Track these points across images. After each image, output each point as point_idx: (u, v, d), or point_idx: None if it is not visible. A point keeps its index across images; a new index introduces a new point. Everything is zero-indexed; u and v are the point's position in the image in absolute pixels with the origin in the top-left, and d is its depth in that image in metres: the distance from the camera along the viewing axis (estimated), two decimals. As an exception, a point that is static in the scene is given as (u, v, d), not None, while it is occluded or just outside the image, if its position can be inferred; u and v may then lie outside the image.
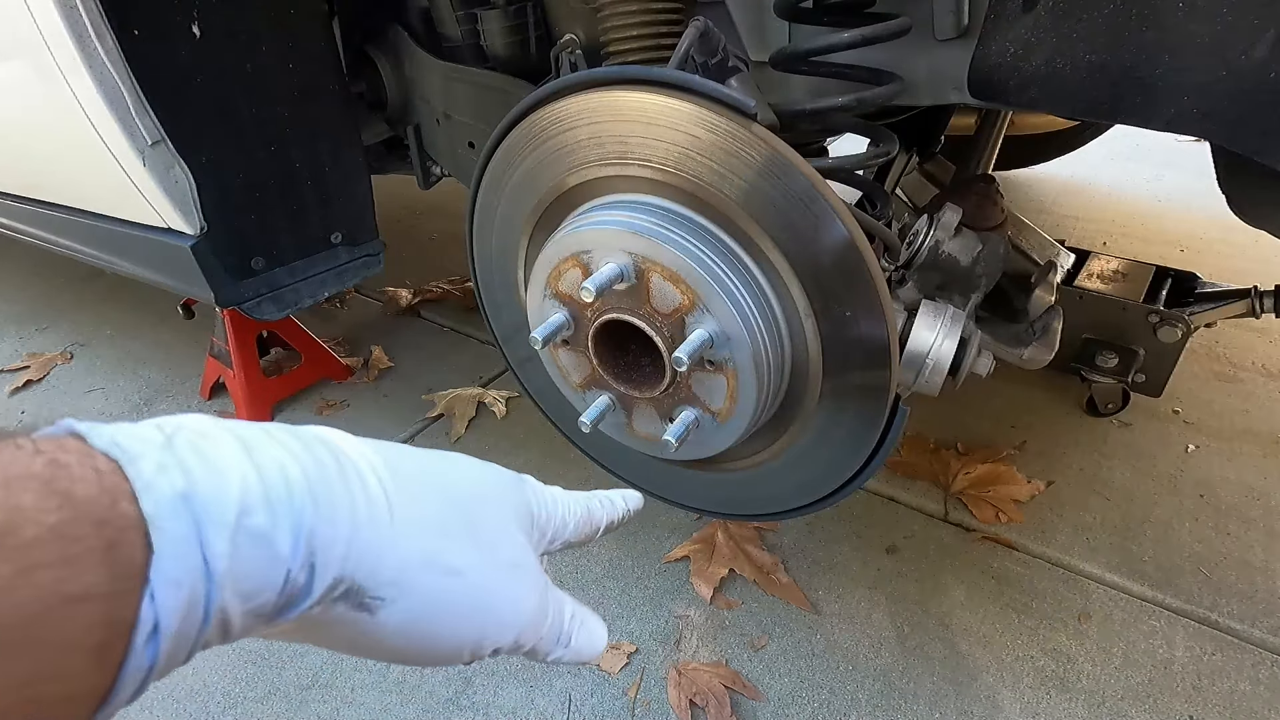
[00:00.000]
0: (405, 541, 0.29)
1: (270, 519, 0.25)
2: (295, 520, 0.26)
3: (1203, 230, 2.39)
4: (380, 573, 0.28)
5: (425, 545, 0.30)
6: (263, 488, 0.26)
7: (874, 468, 0.78)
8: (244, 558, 0.24)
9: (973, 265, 1.03)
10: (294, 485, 0.26)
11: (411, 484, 0.31)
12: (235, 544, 0.24)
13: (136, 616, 0.22)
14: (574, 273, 0.74)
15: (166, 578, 0.22)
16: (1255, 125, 0.57)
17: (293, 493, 0.26)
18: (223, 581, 0.24)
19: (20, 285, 2.39)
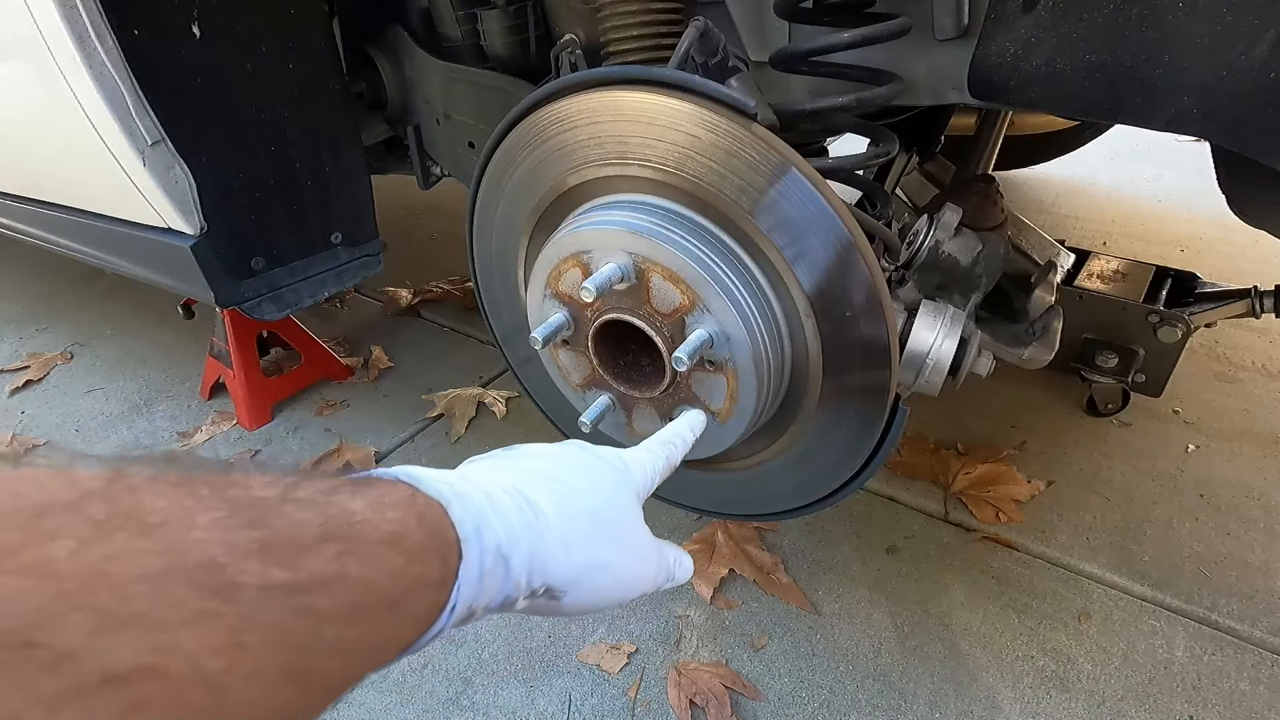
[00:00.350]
0: (575, 556, 0.44)
1: (510, 551, 0.40)
2: (521, 553, 0.40)
3: (1203, 230, 2.39)
4: (563, 578, 0.43)
5: (587, 556, 0.45)
6: (507, 532, 0.40)
7: (874, 468, 0.78)
8: (493, 573, 0.38)
9: (973, 265, 1.03)
10: (518, 532, 0.41)
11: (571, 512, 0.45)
12: (493, 563, 0.38)
13: (448, 600, 0.35)
14: (574, 273, 0.74)
15: (464, 579, 0.36)
16: (1255, 125, 0.57)
17: (518, 536, 0.41)
18: (484, 585, 0.38)
19: (20, 285, 2.39)
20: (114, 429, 1.69)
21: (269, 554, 0.27)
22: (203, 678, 0.24)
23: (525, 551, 0.40)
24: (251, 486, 0.29)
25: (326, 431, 1.64)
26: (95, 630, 0.22)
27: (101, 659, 0.21)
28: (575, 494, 0.46)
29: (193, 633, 0.24)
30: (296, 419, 1.69)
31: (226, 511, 0.27)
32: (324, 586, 0.28)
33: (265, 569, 0.26)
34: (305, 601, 0.27)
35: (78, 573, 0.22)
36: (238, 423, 1.67)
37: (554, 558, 0.42)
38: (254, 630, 0.25)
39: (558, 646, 1.13)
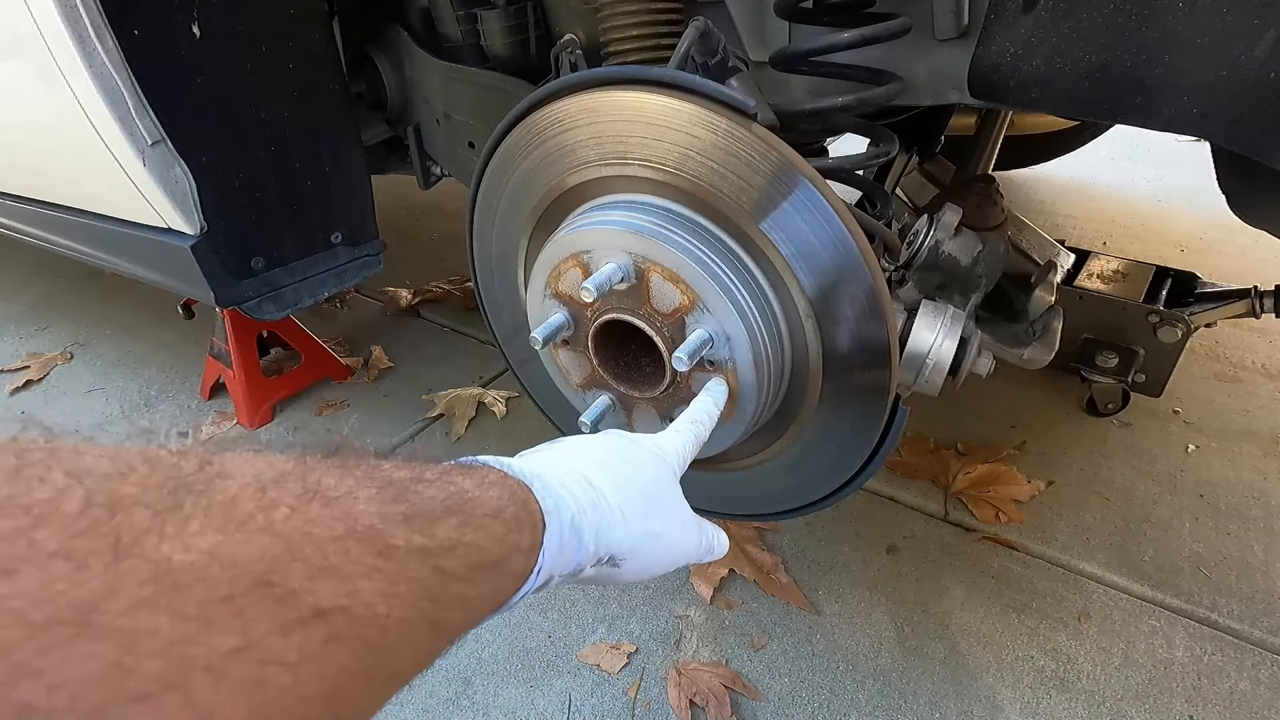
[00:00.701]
0: (633, 528, 0.50)
1: (582, 524, 0.46)
2: (590, 526, 0.47)
3: (1203, 230, 2.39)
4: (623, 547, 0.49)
5: (643, 527, 0.51)
6: (578, 508, 0.46)
7: (874, 468, 0.78)
8: (570, 543, 0.45)
9: (973, 265, 1.03)
10: (586, 508, 0.47)
11: (626, 490, 0.51)
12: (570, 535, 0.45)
13: (537, 563, 0.42)
14: (574, 273, 0.74)
15: (547, 546, 0.42)
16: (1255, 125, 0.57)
17: (586, 511, 0.47)
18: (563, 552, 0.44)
19: (20, 285, 2.39)
20: (114, 429, 1.69)
21: (411, 523, 0.33)
22: (374, 617, 0.30)
23: (593, 525, 0.47)
24: (389, 469, 0.36)
25: (327, 431, 1.64)
26: (308, 576, 0.28)
27: (313, 598, 0.28)
28: (626, 475, 0.52)
29: (367, 582, 0.30)
30: (296, 419, 1.69)
31: (377, 489, 0.33)
32: (450, 550, 0.35)
33: (410, 535, 0.33)
34: (438, 563, 0.34)
35: (291, 533, 0.28)
36: (238, 423, 1.67)
37: (615, 530, 0.48)
38: (404, 583, 0.32)
39: (558, 646, 1.13)
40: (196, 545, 0.25)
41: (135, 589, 0.23)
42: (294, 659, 0.26)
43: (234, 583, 0.25)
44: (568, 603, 1.20)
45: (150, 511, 0.25)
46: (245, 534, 0.27)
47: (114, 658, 0.21)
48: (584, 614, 1.18)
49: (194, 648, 0.23)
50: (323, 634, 0.28)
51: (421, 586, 0.33)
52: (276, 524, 0.28)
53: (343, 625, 0.28)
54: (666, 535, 0.53)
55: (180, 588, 0.24)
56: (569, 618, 1.17)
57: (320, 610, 0.28)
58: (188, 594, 0.24)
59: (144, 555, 0.24)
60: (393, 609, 0.31)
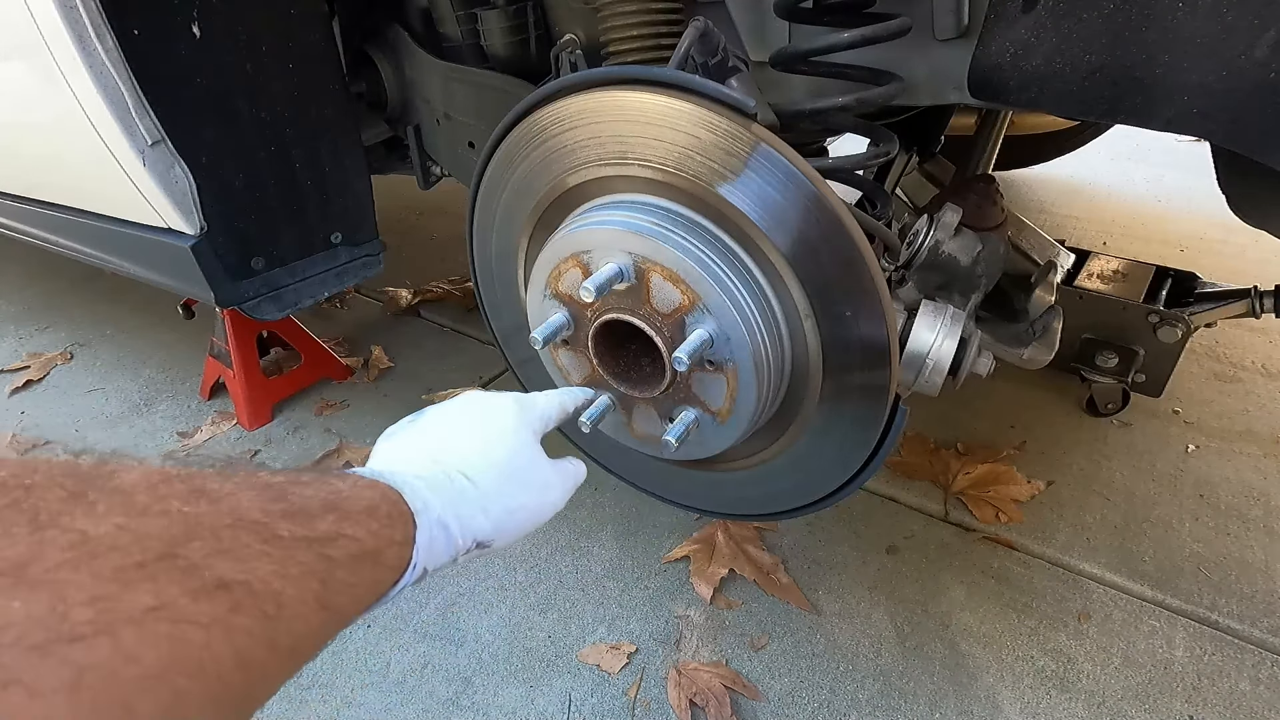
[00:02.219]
0: (492, 511, 0.53)
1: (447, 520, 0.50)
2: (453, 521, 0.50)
3: (1203, 230, 2.39)
4: (486, 531, 0.53)
5: (501, 506, 0.54)
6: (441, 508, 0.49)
7: (874, 468, 0.78)
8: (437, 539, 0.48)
9: (973, 265, 1.03)
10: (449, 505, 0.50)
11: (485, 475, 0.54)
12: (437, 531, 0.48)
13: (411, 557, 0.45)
14: (574, 273, 0.74)
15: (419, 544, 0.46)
16: (1255, 125, 0.57)
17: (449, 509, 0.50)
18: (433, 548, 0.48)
19: (20, 285, 2.39)
20: (114, 429, 1.69)
21: (292, 518, 0.37)
22: (271, 593, 0.33)
23: (456, 519, 0.50)
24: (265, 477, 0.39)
25: (326, 431, 1.64)
26: (206, 554, 0.31)
27: (214, 571, 0.31)
28: (480, 455, 0.56)
29: (260, 563, 0.33)
30: (296, 419, 1.69)
31: (257, 491, 0.37)
32: (331, 540, 0.39)
33: (293, 527, 0.37)
34: (321, 551, 0.37)
35: (185, 520, 0.32)
36: (238, 423, 1.67)
37: (476, 520, 0.52)
38: (294, 565, 0.35)
39: (558, 646, 1.13)
40: (107, 521, 0.29)
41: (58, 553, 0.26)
42: (205, 621, 0.29)
43: (144, 552, 0.28)
44: (568, 603, 1.20)
45: (61, 494, 0.28)
46: (147, 517, 0.30)
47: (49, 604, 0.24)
48: (584, 614, 1.18)
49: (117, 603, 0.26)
50: (227, 603, 0.31)
51: (310, 570, 0.36)
52: (172, 511, 0.32)
53: (244, 596, 0.32)
54: (529, 504, 0.57)
55: (97, 555, 0.27)
56: (569, 618, 1.17)
57: (223, 582, 0.31)
58: (104, 560, 0.27)
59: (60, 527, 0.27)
60: (286, 586, 0.34)
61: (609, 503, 1.38)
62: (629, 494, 1.37)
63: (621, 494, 1.38)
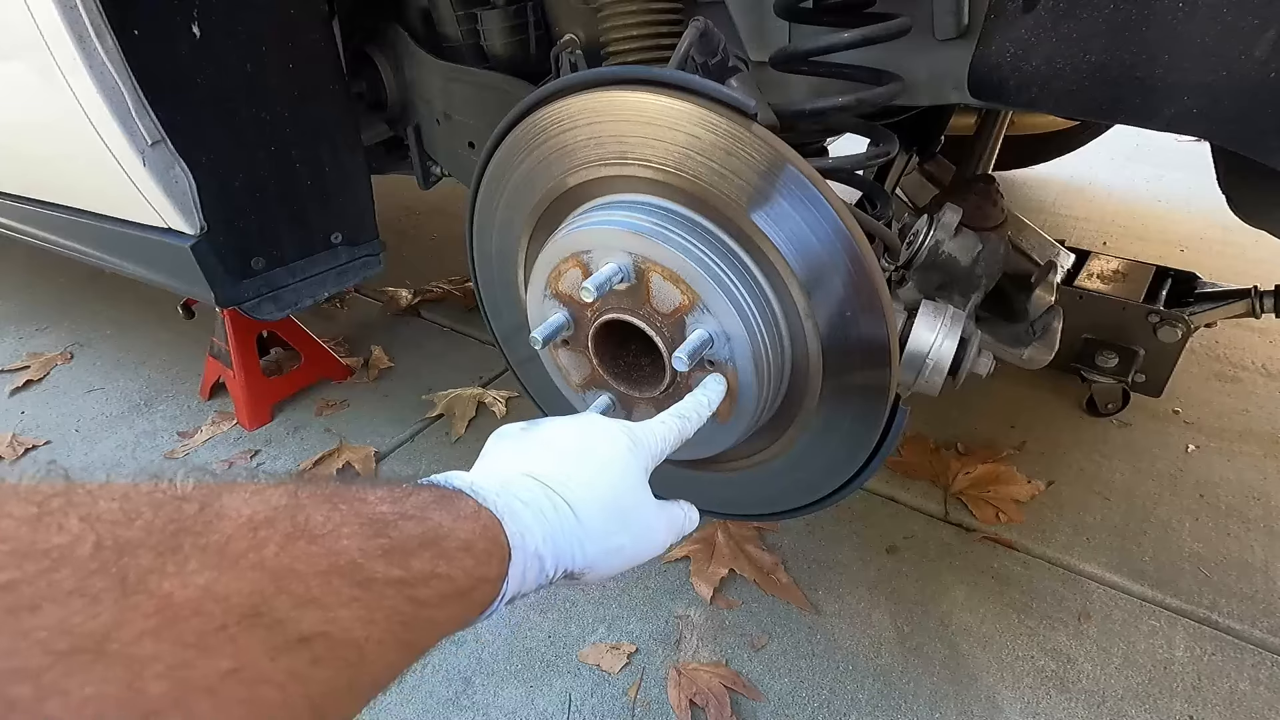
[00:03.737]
0: (591, 547, 0.52)
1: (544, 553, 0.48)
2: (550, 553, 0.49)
3: (1203, 230, 2.39)
4: (581, 565, 0.51)
5: (602, 546, 0.52)
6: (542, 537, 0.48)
7: (874, 468, 0.78)
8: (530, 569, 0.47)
9: (973, 265, 1.03)
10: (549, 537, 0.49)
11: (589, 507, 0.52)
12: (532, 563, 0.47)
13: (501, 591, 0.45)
14: (574, 273, 0.74)
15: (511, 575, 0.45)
16: (1255, 125, 0.57)
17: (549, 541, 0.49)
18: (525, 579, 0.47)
19: (20, 285, 2.39)
20: (114, 429, 1.69)
21: (390, 557, 0.37)
22: (352, 642, 0.34)
23: (553, 553, 0.49)
24: (374, 503, 0.40)
25: (326, 431, 1.64)
26: (294, 607, 0.31)
27: (297, 625, 0.31)
28: (588, 488, 0.53)
29: (346, 611, 0.34)
30: (296, 419, 1.69)
31: (360, 525, 0.37)
32: (424, 581, 0.39)
33: (389, 569, 0.37)
34: (412, 593, 0.38)
35: (279, 569, 0.32)
36: (238, 423, 1.67)
37: (573, 554, 0.51)
38: (381, 610, 0.36)
39: (558, 646, 1.13)
40: (194, 581, 0.29)
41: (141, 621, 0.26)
42: (282, 679, 0.30)
43: (227, 614, 0.29)
44: (568, 603, 1.20)
45: (153, 553, 0.28)
46: (237, 571, 0.30)
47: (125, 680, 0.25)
48: (584, 614, 1.18)
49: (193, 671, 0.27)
50: (307, 657, 0.31)
51: (396, 613, 0.37)
52: (266, 561, 0.32)
53: (324, 649, 0.32)
54: (628, 548, 0.55)
55: (180, 620, 0.27)
56: (569, 618, 1.17)
57: (304, 636, 0.31)
58: (186, 625, 0.27)
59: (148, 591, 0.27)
60: (370, 634, 0.35)
61: (609, 503, 1.38)
62: (629, 494, 1.37)
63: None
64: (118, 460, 1.58)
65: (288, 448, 1.60)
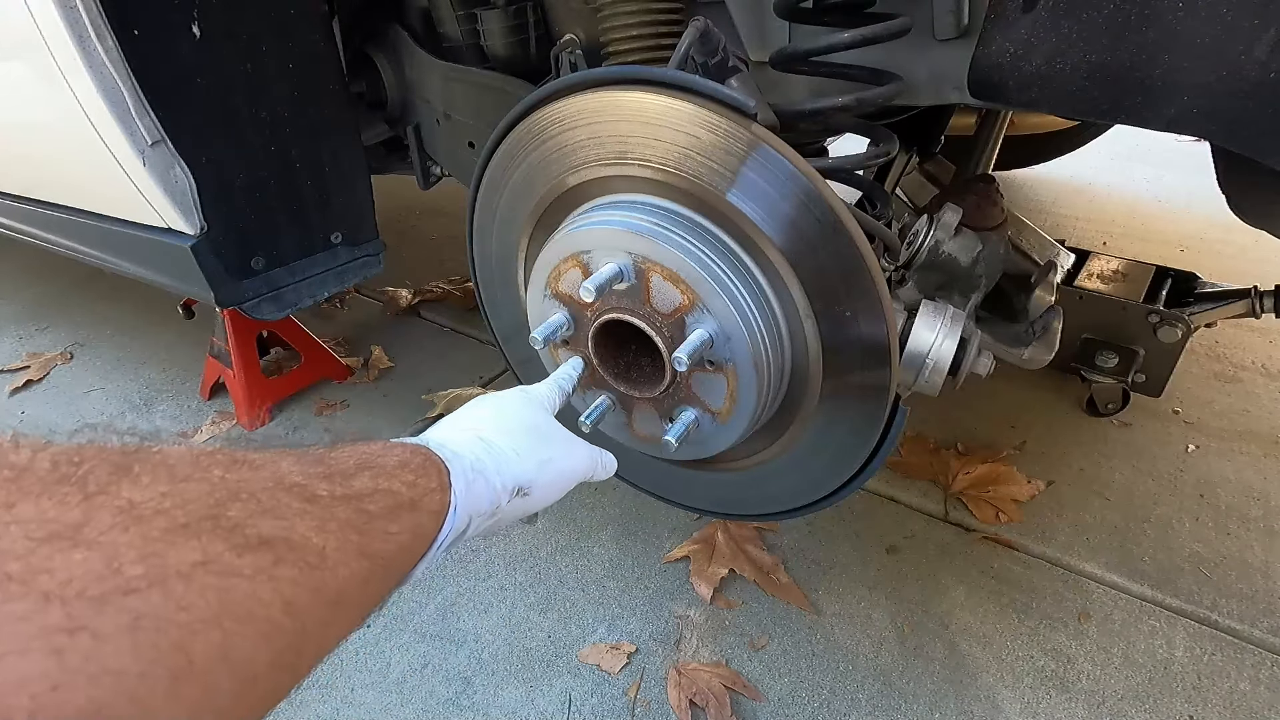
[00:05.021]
0: (526, 460, 0.58)
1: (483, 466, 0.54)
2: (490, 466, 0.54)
3: (1203, 230, 2.39)
4: (525, 475, 0.57)
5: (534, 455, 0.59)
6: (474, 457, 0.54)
7: (874, 468, 0.78)
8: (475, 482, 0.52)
9: (973, 265, 1.03)
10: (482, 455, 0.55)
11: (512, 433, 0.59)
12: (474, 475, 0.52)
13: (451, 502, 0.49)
14: (574, 273, 0.74)
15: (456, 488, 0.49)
16: (1255, 125, 0.57)
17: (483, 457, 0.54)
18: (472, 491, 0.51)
19: (20, 285, 2.39)
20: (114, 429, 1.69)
21: (330, 479, 0.40)
22: (312, 546, 0.36)
23: (493, 465, 0.55)
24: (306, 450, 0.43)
25: (326, 432, 1.64)
26: (248, 515, 0.34)
27: (256, 529, 0.33)
28: (508, 419, 0.61)
29: (299, 520, 0.36)
30: (296, 419, 1.69)
31: (296, 458, 0.41)
32: (368, 495, 0.42)
33: (331, 486, 0.40)
34: (359, 505, 0.41)
35: (228, 485, 0.34)
36: (238, 423, 1.67)
37: (512, 465, 0.56)
38: (333, 520, 0.38)
39: (558, 646, 1.13)
40: (151, 490, 0.31)
41: (109, 517, 0.28)
42: (249, 573, 0.32)
43: (188, 515, 0.31)
44: (568, 603, 1.20)
45: (108, 468, 0.31)
46: (189, 484, 0.33)
47: (104, 561, 0.27)
48: (584, 614, 1.18)
49: (164, 559, 0.29)
50: (270, 556, 0.33)
51: (348, 523, 0.39)
52: (214, 480, 0.34)
53: (285, 550, 0.34)
54: (557, 459, 0.62)
55: (144, 519, 0.29)
56: (569, 618, 1.17)
57: (265, 538, 0.33)
58: (151, 522, 0.30)
59: (109, 494, 0.29)
60: (327, 541, 0.37)
61: (609, 503, 1.38)
62: (629, 494, 1.37)
63: (621, 494, 1.38)
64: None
65: (288, 448, 1.60)
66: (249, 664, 0.31)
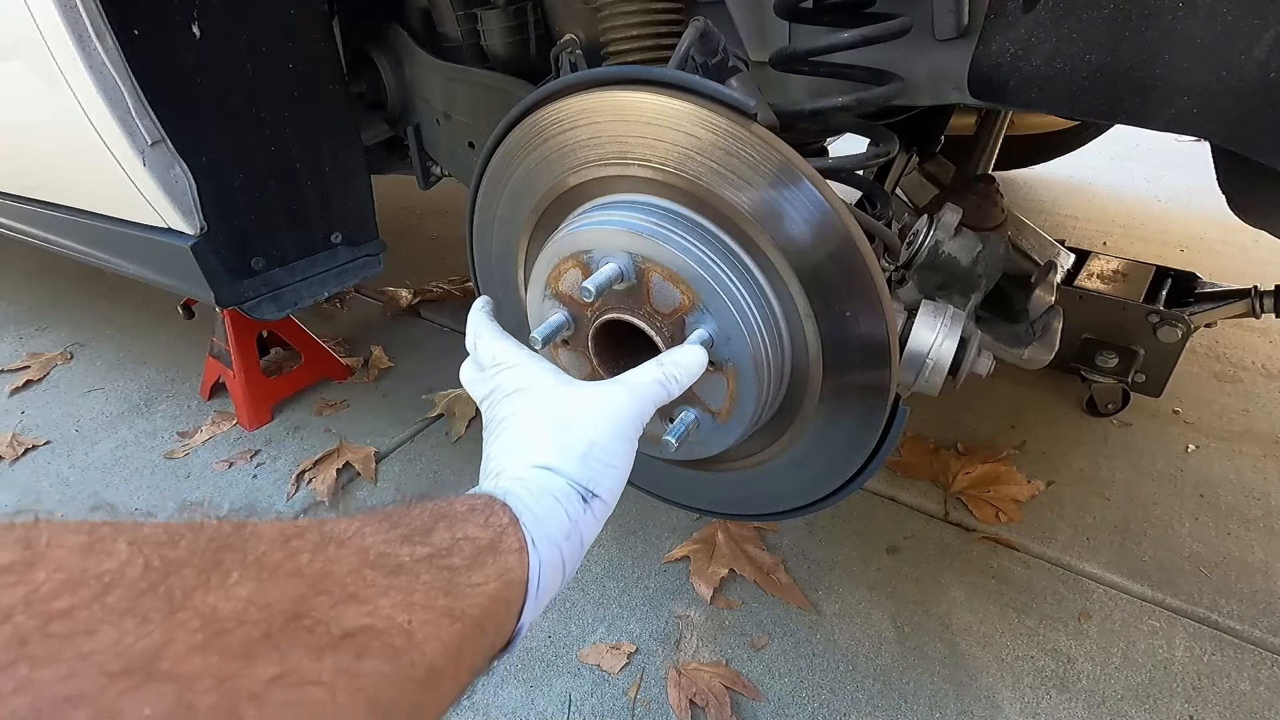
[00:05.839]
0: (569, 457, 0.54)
1: (538, 483, 0.50)
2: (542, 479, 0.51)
3: (1203, 230, 2.39)
4: (580, 474, 0.53)
5: (576, 451, 0.54)
6: (534, 481, 0.51)
7: (874, 468, 0.78)
8: (540, 499, 0.49)
9: (973, 265, 1.03)
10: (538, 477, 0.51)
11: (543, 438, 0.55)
12: (538, 501, 0.49)
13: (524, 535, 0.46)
14: (574, 273, 0.74)
15: (524, 520, 0.47)
16: (1255, 125, 0.57)
17: (540, 478, 0.51)
18: (537, 513, 0.48)
19: (20, 285, 2.39)
20: (114, 429, 1.69)
21: (410, 540, 0.40)
22: (396, 628, 0.35)
23: (540, 481, 0.51)
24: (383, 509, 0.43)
25: (326, 432, 1.64)
26: (332, 606, 0.33)
27: (339, 623, 0.32)
28: (528, 433, 0.56)
29: (384, 600, 0.35)
30: (296, 419, 1.69)
31: (377, 522, 0.40)
32: (448, 549, 0.41)
33: (413, 549, 0.39)
34: (442, 563, 0.40)
35: (314, 574, 0.34)
36: (238, 423, 1.67)
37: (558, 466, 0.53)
38: (418, 590, 0.37)
39: (558, 646, 1.13)
40: (236, 594, 0.30)
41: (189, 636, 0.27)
42: (329, 677, 0.31)
43: (270, 622, 0.30)
44: (568, 603, 1.20)
45: (197, 570, 0.30)
46: (276, 580, 0.32)
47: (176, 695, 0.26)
48: (584, 614, 1.18)
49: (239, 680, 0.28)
50: (352, 652, 0.32)
51: (433, 587, 0.38)
52: (302, 568, 0.33)
53: (368, 640, 0.33)
54: (600, 435, 0.57)
55: (225, 632, 0.28)
56: (569, 618, 1.17)
57: (347, 632, 0.33)
58: (231, 636, 0.29)
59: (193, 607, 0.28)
60: (413, 615, 0.36)
61: (609, 503, 1.38)
62: (629, 494, 1.36)
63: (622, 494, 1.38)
64: (118, 460, 1.58)
65: (288, 448, 1.60)
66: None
